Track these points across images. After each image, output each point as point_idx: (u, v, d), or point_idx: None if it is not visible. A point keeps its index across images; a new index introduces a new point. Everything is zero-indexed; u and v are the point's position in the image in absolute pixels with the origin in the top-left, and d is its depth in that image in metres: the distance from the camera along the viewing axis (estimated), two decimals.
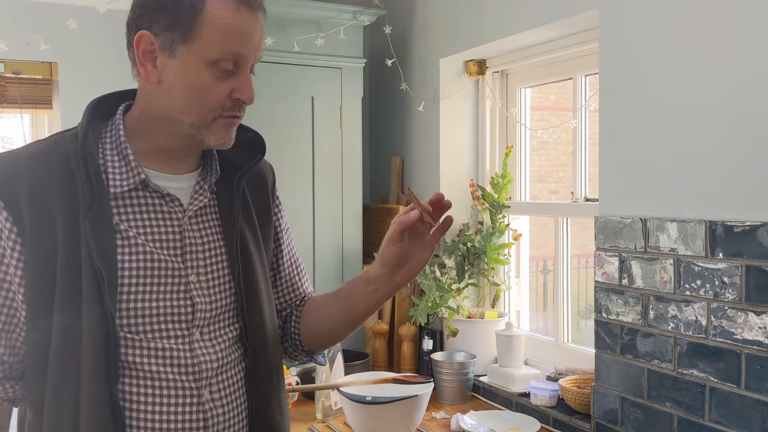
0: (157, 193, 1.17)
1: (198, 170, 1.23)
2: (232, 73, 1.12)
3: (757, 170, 1.54)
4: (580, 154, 2.31)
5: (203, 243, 1.20)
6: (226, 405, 1.18)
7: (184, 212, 1.19)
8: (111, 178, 1.14)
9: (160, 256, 1.14)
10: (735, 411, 1.58)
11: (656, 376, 1.77)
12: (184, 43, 1.09)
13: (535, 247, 3.51)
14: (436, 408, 2.31)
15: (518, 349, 2.36)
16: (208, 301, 1.18)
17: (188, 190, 1.20)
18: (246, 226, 1.25)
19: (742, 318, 1.56)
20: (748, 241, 1.54)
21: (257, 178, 1.32)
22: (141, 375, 1.11)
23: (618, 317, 1.88)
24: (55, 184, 1.10)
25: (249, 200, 1.28)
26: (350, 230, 2.75)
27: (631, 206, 1.85)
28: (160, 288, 1.13)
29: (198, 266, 1.18)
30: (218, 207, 1.24)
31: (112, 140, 1.17)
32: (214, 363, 1.16)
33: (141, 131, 1.17)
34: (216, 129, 1.14)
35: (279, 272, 1.38)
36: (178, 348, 1.14)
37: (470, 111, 2.74)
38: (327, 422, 2.20)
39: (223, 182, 1.25)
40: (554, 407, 2.14)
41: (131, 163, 1.14)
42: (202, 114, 1.12)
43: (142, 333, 1.12)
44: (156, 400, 1.12)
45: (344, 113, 2.71)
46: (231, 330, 1.21)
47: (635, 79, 1.84)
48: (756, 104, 1.54)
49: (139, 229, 1.14)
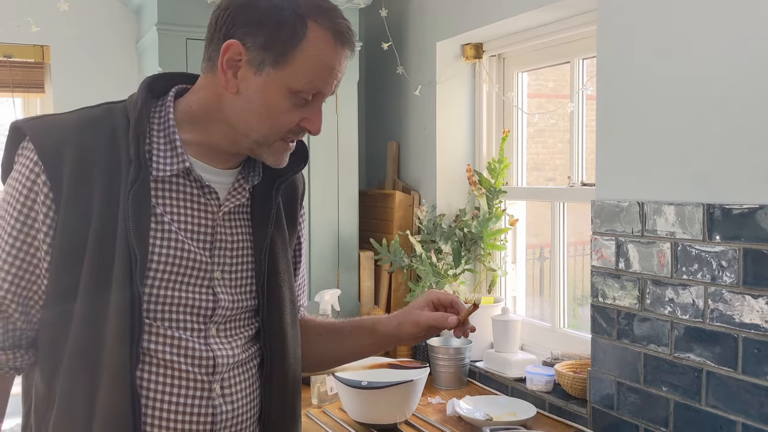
0: (197, 183, 1.15)
1: (238, 168, 1.21)
2: (308, 103, 1.12)
3: (755, 153, 1.53)
4: (577, 139, 2.29)
5: (233, 242, 1.19)
6: (236, 402, 1.17)
7: (220, 207, 1.17)
8: (155, 160, 1.12)
9: (190, 246, 1.13)
10: (732, 395, 1.57)
11: (653, 361, 1.76)
12: (275, 66, 1.08)
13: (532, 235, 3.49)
14: (432, 393, 2.31)
15: (514, 335, 2.35)
16: (230, 300, 1.17)
17: (227, 186, 1.19)
18: (277, 234, 1.24)
19: (739, 301, 1.55)
20: (746, 224, 1.53)
21: (291, 186, 1.30)
22: (155, 362, 1.10)
23: (614, 301, 1.87)
24: (99, 157, 1.09)
25: (281, 208, 1.27)
26: (346, 215, 2.73)
27: (628, 190, 1.83)
28: (185, 279, 1.12)
29: (224, 263, 1.17)
30: (251, 209, 1.22)
31: (160, 122, 1.15)
32: (229, 359, 1.16)
33: (196, 123, 1.16)
34: (275, 150, 1.15)
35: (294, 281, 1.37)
36: (194, 340, 1.13)
37: (467, 95, 2.71)
38: (323, 408, 2.20)
39: (260, 186, 1.23)
40: (550, 392, 2.13)
41: (178, 149, 1.13)
42: (269, 135, 1.12)
43: (160, 321, 1.11)
44: (168, 389, 1.11)
45: (339, 97, 2.68)
46: (247, 329, 1.21)
47: (633, 62, 1.82)
48: (754, 89, 1.52)
49: (173, 216, 1.13)
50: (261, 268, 1.20)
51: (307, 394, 2.26)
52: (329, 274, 2.69)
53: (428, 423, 2.05)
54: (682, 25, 1.68)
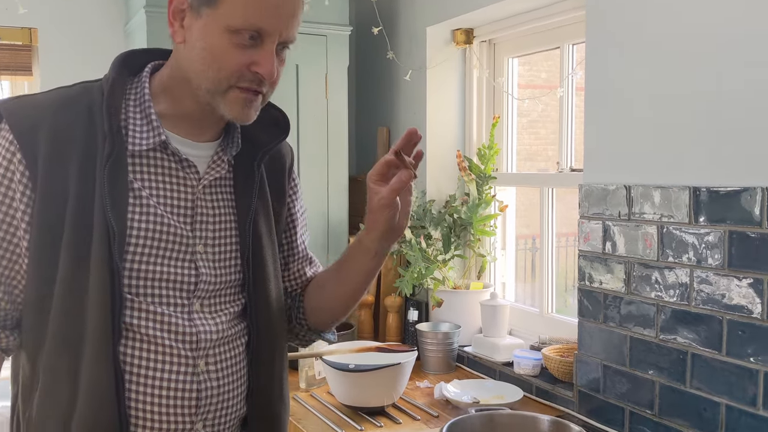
0: (175, 156, 1.14)
1: (219, 141, 1.20)
2: (255, 45, 1.08)
3: (740, 136, 1.53)
4: (566, 124, 2.29)
5: (215, 215, 1.18)
6: (222, 379, 1.16)
7: (199, 180, 1.16)
8: (131, 135, 1.11)
9: (170, 221, 1.12)
10: (716, 377, 1.58)
11: (639, 344, 1.77)
12: (209, 5, 1.07)
13: (523, 225, 3.50)
14: (420, 377, 2.31)
15: (503, 319, 2.35)
16: (213, 274, 1.16)
17: (206, 159, 1.18)
18: (260, 206, 1.23)
19: (724, 284, 1.56)
20: (732, 206, 1.53)
21: (276, 158, 1.29)
22: (139, 338, 1.10)
23: (601, 285, 1.87)
24: (75, 134, 1.08)
25: (266, 180, 1.25)
26: (336, 201, 2.73)
27: (616, 174, 1.84)
28: (166, 253, 1.12)
29: (206, 237, 1.17)
30: (234, 181, 1.21)
31: (136, 97, 1.15)
32: (213, 335, 1.15)
33: (168, 93, 1.15)
34: (230, 100, 1.10)
35: (292, 256, 1.36)
36: (177, 315, 1.12)
37: (457, 81, 2.71)
38: (310, 391, 2.20)
39: (242, 158, 1.22)
40: (537, 376, 2.14)
41: (153, 123, 1.12)
42: (217, 80, 1.08)
43: (142, 296, 1.10)
44: (152, 365, 1.10)
45: (330, 82, 2.68)
46: (233, 305, 1.20)
47: (621, 47, 1.81)
48: (740, 74, 1.52)
49: (152, 191, 1.12)
50: (245, 241, 1.20)
51: (295, 378, 2.26)
52: (319, 259, 2.66)
53: (416, 406, 2.06)
54: (670, 10, 1.68)
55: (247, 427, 1.22)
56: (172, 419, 1.11)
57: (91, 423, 1.06)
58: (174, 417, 1.11)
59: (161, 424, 1.11)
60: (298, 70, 2.61)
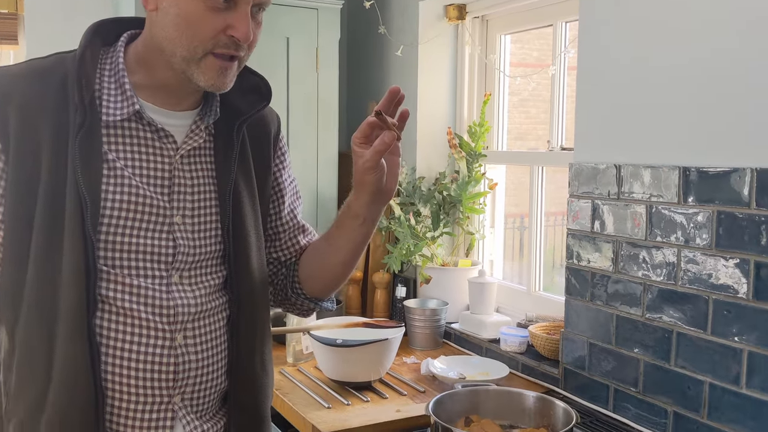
0: (150, 126, 1.13)
1: (197, 110, 1.18)
2: (230, 8, 1.06)
3: (730, 117, 1.53)
4: (558, 103, 2.28)
5: (193, 185, 1.16)
6: (201, 353, 1.16)
7: (177, 150, 1.15)
8: (105, 105, 1.10)
9: (145, 191, 1.11)
10: (700, 355, 1.59)
11: (625, 322, 1.78)
12: None
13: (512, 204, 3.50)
14: (407, 353, 2.32)
15: (490, 297, 2.36)
16: (191, 245, 1.15)
17: (184, 128, 1.16)
18: (241, 175, 1.21)
19: (711, 264, 1.56)
20: (721, 186, 1.54)
21: (260, 126, 1.27)
22: (115, 311, 1.09)
23: (589, 264, 1.88)
24: (48, 105, 1.07)
25: (248, 148, 1.23)
26: (325, 177, 2.72)
27: (606, 152, 1.84)
28: (142, 225, 1.10)
29: (185, 208, 1.15)
30: (214, 151, 1.19)
31: (111, 67, 1.13)
32: (191, 308, 1.14)
33: (143, 63, 1.13)
34: (206, 67, 1.08)
35: (281, 225, 1.34)
36: (153, 288, 1.11)
37: (449, 57, 2.69)
38: (298, 366, 2.20)
39: (222, 126, 1.20)
40: (523, 353, 2.15)
41: (127, 93, 1.10)
42: (192, 46, 1.06)
43: (118, 268, 1.09)
44: (129, 338, 1.10)
45: (320, 56, 2.65)
46: (214, 277, 1.19)
47: (615, 25, 1.80)
48: (731, 54, 1.52)
49: (127, 162, 1.10)
50: (225, 211, 1.18)
51: (283, 353, 2.27)
52: (314, 230, 2.68)
53: (402, 381, 2.07)
54: None
55: (229, 400, 1.21)
56: (149, 392, 1.11)
57: (66, 395, 1.06)
58: (151, 390, 1.11)
59: (138, 397, 1.10)
60: (288, 43, 2.59)
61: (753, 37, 1.48)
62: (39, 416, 1.07)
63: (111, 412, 1.10)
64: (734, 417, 1.52)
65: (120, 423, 1.11)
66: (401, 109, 1.17)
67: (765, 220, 1.45)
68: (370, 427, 1.76)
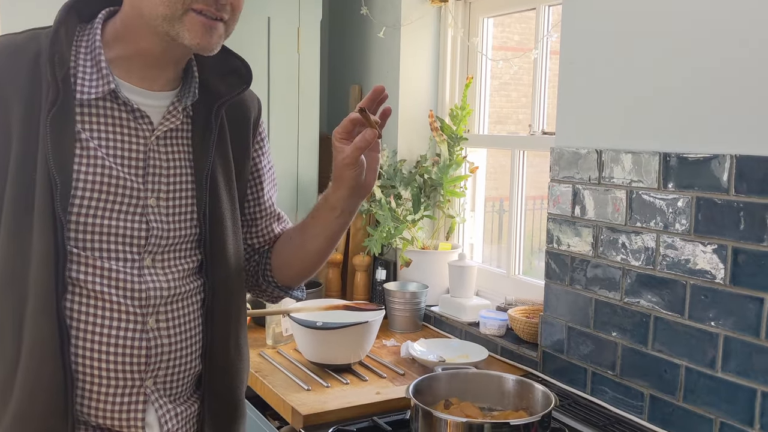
0: (126, 106, 1.10)
1: (175, 91, 1.16)
2: None
3: (710, 104, 1.54)
4: (540, 87, 2.28)
5: (169, 167, 1.14)
6: (174, 337, 1.15)
7: (152, 131, 1.13)
8: (80, 83, 1.07)
9: (119, 173, 1.09)
10: (677, 339, 1.61)
11: (603, 306, 1.80)
12: None
13: (492, 188, 3.52)
14: (387, 336, 2.33)
15: (470, 280, 2.37)
16: (165, 228, 1.13)
17: (161, 109, 1.14)
18: (219, 159, 1.20)
19: (689, 249, 1.58)
20: (700, 173, 1.55)
21: (240, 110, 1.25)
22: (85, 293, 1.08)
23: (569, 248, 1.89)
24: (19, 82, 1.04)
25: (227, 132, 1.22)
26: (306, 160, 2.70)
27: (588, 137, 1.84)
28: (114, 206, 1.09)
29: (160, 190, 1.13)
30: (192, 133, 1.17)
31: (87, 44, 1.10)
32: (164, 291, 1.13)
33: (122, 37, 1.10)
34: (190, 24, 1.05)
35: (259, 212, 1.33)
36: (125, 271, 1.10)
37: (431, 40, 2.67)
38: (277, 348, 2.20)
39: (201, 108, 1.18)
40: (503, 336, 2.16)
41: (102, 71, 1.08)
42: (171, 2, 1.03)
43: (89, 250, 1.07)
44: (99, 321, 1.08)
45: (302, 36, 2.62)
46: (188, 261, 1.17)
47: (598, 9, 1.80)
48: (712, 42, 1.53)
49: (101, 141, 1.08)
50: (202, 195, 1.17)
51: (262, 335, 2.26)
52: (288, 217, 2.66)
53: (382, 364, 2.07)
54: None
55: (203, 386, 1.21)
56: (120, 376, 1.10)
57: (33, 376, 1.04)
58: (123, 374, 1.10)
59: (109, 381, 1.09)
60: (269, 23, 2.55)
61: (733, 25, 1.49)
62: (8, 398, 1.06)
63: (81, 396, 1.09)
64: (709, 400, 1.55)
65: (91, 407, 1.10)
66: (384, 106, 1.18)
67: (743, 206, 1.47)
68: (350, 410, 1.76)
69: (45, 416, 1.05)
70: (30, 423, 1.05)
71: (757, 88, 1.45)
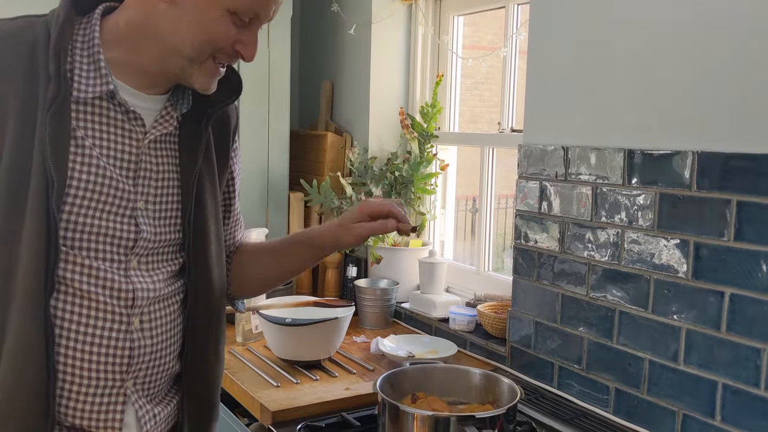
0: (122, 107, 1.10)
1: (167, 95, 1.16)
2: (244, 25, 1.07)
3: (674, 101, 1.57)
4: (509, 85, 2.30)
5: (158, 171, 1.14)
6: (156, 337, 1.14)
7: (145, 134, 1.12)
8: (77, 80, 1.06)
9: (112, 173, 1.08)
10: (641, 333, 1.64)
11: (570, 301, 1.82)
12: None
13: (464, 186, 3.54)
14: (358, 333, 2.33)
15: (440, 277, 2.38)
16: (153, 231, 1.13)
17: (152, 112, 1.13)
18: (205, 166, 1.20)
19: (653, 244, 1.61)
20: (663, 169, 1.57)
21: (222, 118, 1.26)
22: (72, 292, 1.07)
23: (536, 244, 1.91)
24: (16, 73, 1.02)
25: (211, 140, 1.22)
26: (276, 156, 2.69)
27: (555, 135, 1.86)
28: (105, 207, 1.08)
29: (148, 194, 1.13)
30: (179, 139, 1.17)
31: (84, 40, 1.08)
32: (150, 293, 1.13)
33: (125, 42, 1.09)
34: (205, 70, 1.09)
35: (228, 218, 1.34)
36: (112, 271, 1.09)
37: (402, 37, 2.68)
38: (247, 345, 2.19)
39: (191, 115, 1.18)
40: (472, 332, 2.18)
41: (102, 70, 1.07)
42: (201, 51, 1.07)
43: (78, 249, 1.06)
44: (84, 320, 1.08)
45: (271, 32, 2.61)
46: (172, 264, 1.18)
47: (564, 8, 1.82)
48: (676, 40, 1.55)
49: (95, 141, 1.07)
50: (187, 201, 1.17)
51: (232, 333, 2.25)
52: (258, 214, 2.66)
53: (352, 360, 2.08)
54: None
55: (180, 384, 1.21)
56: (102, 376, 1.09)
57: (16, 373, 1.03)
58: (104, 374, 1.09)
59: (90, 381, 1.09)
60: None
61: (694, 25, 1.51)
62: None
63: (61, 395, 1.08)
64: (672, 392, 1.57)
65: (70, 407, 1.09)
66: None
67: (705, 201, 1.49)
68: (319, 405, 1.76)
69: (25, 415, 1.04)
70: (9, 422, 1.04)
71: (718, 85, 1.48)
